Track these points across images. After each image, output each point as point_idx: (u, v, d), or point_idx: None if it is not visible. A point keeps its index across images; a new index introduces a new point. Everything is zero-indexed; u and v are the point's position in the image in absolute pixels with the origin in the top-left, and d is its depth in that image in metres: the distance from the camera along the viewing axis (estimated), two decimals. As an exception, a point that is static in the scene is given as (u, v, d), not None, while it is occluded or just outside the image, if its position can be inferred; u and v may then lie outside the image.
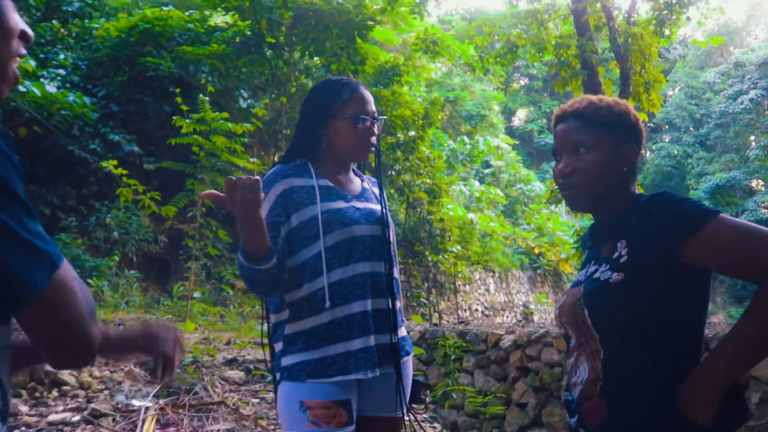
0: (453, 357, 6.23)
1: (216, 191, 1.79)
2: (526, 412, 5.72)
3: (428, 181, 13.60)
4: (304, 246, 2.04)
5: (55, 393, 4.43)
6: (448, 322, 12.66)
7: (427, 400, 5.78)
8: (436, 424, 4.83)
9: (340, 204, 2.09)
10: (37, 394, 4.35)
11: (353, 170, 2.31)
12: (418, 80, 16.40)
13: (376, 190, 2.28)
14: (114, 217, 11.06)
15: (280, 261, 1.97)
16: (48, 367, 4.56)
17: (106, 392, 4.58)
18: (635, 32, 9.14)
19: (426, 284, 14.24)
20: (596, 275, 1.61)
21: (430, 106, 13.44)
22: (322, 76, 12.66)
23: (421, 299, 13.57)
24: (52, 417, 4.00)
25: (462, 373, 6.34)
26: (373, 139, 2.18)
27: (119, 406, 4.29)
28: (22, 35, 1.04)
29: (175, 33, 12.53)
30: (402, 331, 2.17)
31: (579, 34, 9.37)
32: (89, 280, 10.02)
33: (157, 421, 4.09)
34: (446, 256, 13.67)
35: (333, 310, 1.99)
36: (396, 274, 2.16)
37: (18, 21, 1.02)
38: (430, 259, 13.93)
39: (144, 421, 4.02)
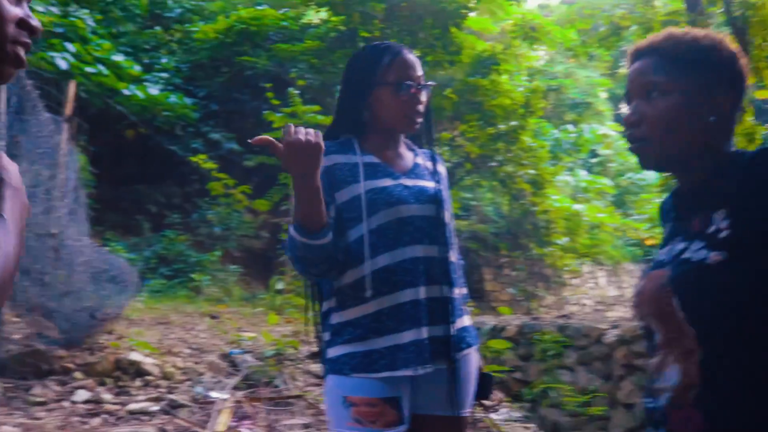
0: (552, 353, 5.82)
1: (271, 138, 1.61)
2: (634, 414, 5.23)
3: (531, 171, 13.09)
4: (348, 228, 1.85)
5: (138, 382, 4.45)
6: (551, 316, 12.12)
7: (496, 398, 5.41)
8: (530, 424, 4.47)
9: (387, 182, 1.88)
10: (121, 383, 4.39)
11: (407, 144, 2.07)
12: (519, 69, 15.86)
13: (432, 165, 2.04)
14: (216, 213, 11.32)
15: (336, 239, 1.78)
16: (133, 357, 4.60)
17: (187, 383, 4.56)
18: (754, 2, 8.29)
19: (531, 278, 13.71)
20: (686, 255, 1.26)
21: (531, 95, 12.93)
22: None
23: (526, 293, 13.07)
24: (132, 406, 4.00)
25: (563, 370, 5.91)
26: (421, 107, 1.94)
27: (197, 397, 4.24)
28: (21, 23, 0.98)
29: (270, 32, 12.71)
30: (464, 321, 1.94)
31: (689, 9, 8.64)
32: (192, 275, 10.32)
33: (233, 413, 3.99)
34: (552, 249, 13.08)
35: (380, 300, 1.78)
36: (454, 258, 1.93)
37: (13, 9, 0.96)
38: (534, 252, 13.39)
39: (219, 413, 3.93)
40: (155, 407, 4.02)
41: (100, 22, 11.25)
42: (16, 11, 0.95)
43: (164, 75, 12.07)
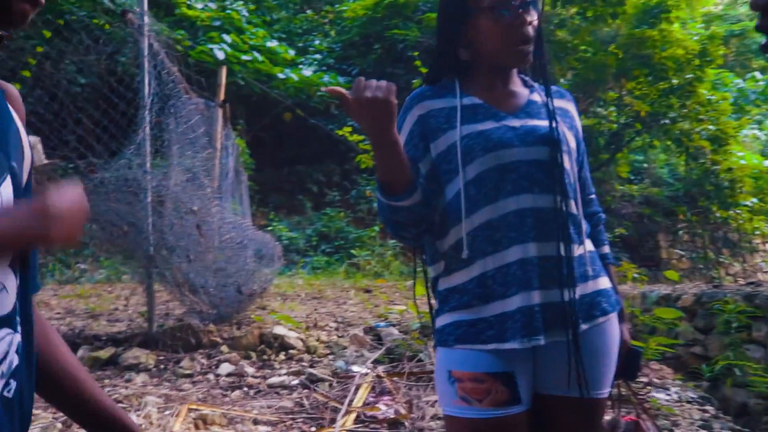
0: (737, 324, 5.04)
1: (343, 90, 1.44)
2: None
3: (711, 127, 11.79)
4: (447, 182, 1.60)
5: (282, 356, 4.43)
6: (736, 285, 10.82)
7: (665, 374, 4.74)
8: (708, 407, 3.85)
9: (488, 124, 1.59)
10: (265, 357, 4.39)
11: (522, 81, 1.75)
12: (693, 16, 14.32)
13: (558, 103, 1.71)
14: (374, 188, 11.36)
15: (427, 198, 1.56)
16: (277, 331, 4.59)
17: (330, 357, 4.47)
18: None
19: (713, 244, 12.35)
20: None
21: (708, 43, 11.55)
22: (578, 29, 11.62)
23: (707, 260, 11.79)
24: (273, 379, 3.96)
25: (751, 345, 5.10)
26: (528, 33, 1.61)
27: (338, 371, 4.12)
28: None
29: (419, 2, 12.45)
30: (597, 284, 1.61)
31: None
32: (352, 251, 10.45)
33: (372, 388, 3.82)
34: (738, 211, 11.67)
35: (484, 261, 1.54)
36: (574, 209, 1.60)
37: None
38: (718, 215, 12.03)
39: (357, 388, 3.78)
40: (295, 381, 3.95)
41: (254, 12, 11.65)
42: None
43: (317, 56, 12.28)
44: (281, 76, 10.93)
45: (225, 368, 4.11)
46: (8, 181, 0.90)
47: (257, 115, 12.08)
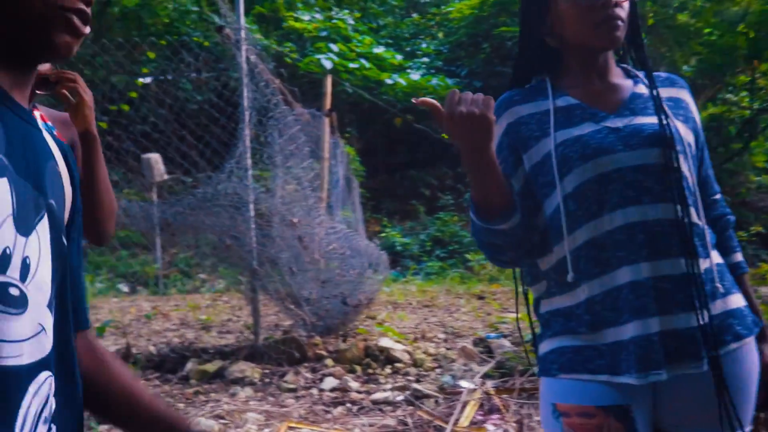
0: None
1: (434, 102, 1.31)
2: None
3: None
4: (545, 196, 1.41)
5: (387, 370, 4.28)
6: None
7: None
8: None
9: (585, 128, 1.39)
10: (370, 371, 4.26)
11: (623, 71, 1.52)
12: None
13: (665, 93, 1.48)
14: (469, 209, 11.12)
15: (525, 217, 1.40)
16: (383, 344, 4.46)
17: (438, 371, 4.27)
18: None
19: None
20: None
21: None
22: (701, 10, 10.77)
23: None
24: (377, 395, 3.82)
25: None
26: (615, 11, 1.39)
27: (445, 386, 3.91)
28: None
29: (527, -4, 12.04)
30: (726, 303, 1.37)
31: None
32: (467, 255, 10.19)
33: (481, 406, 3.58)
34: None
35: (589, 284, 1.34)
36: (695, 217, 1.37)
37: None
38: None
39: (465, 405, 3.55)
40: (400, 397, 3.78)
41: (360, 20, 11.69)
42: None
43: (425, 60, 12.14)
44: (389, 81, 10.89)
45: (329, 383, 4.01)
46: (45, 220, 0.88)
47: (368, 122, 12.12)
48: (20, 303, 0.81)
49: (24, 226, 0.84)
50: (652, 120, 1.37)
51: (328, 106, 7.68)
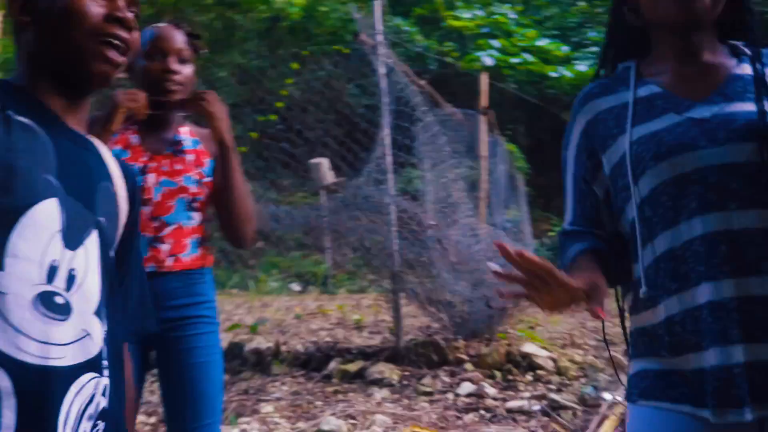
0: None
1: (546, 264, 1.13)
2: None
3: None
4: (624, 202, 1.26)
5: (528, 377, 4.10)
6: None
7: None
8: None
9: (665, 120, 1.20)
10: (510, 377, 4.11)
11: (733, 47, 1.30)
12: None
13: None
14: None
15: (614, 228, 1.31)
16: (526, 349, 4.29)
17: (582, 380, 4.01)
18: None
19: None
20: None
21: None
22: None
23: None
24: (511, 403, 3.67)
25: None
26: None
27: (586, 397, 3.66)
28: (109, 17, 0.99)
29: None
30: None
31: None
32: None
33: (621, 422, 3.30)
34: None
35: (669, 300, 1.17)
36: None
37: (94, 5, 0.98)
38: None
39: (603, 420, 3.30)
40: (536, 406, 3.61)
41: (523, 13, 11.36)
42: (97, 8, 0.97)
43: (593, 49, 11.50)
44: (554, 74, 10.46)
45: (465, 387, 3.93)
46: (94, 236, 0.98)
47: (534, 118, 11.77)
48: (64, 310, 0.91)
49: (72, 241, 0.93)
50: (750, 107, 1.15)
51: (484, 104, 7.57)
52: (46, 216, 0.90)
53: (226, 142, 1.80)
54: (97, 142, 1.10)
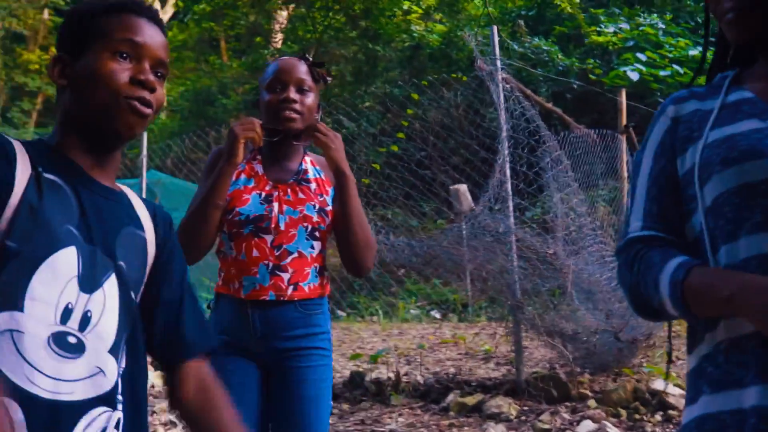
0: None
1: None
2: None
3: None
4: (691, 213, 1.16)
5: (658, 417, 3.77)
6: None
7: None
8: None
9: (745, 125, 1.10)
10: (636, 416, 3.80)
11: None
12: None
13: None
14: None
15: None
16: (655, 386, 3.98)
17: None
18: None
19: None
20: None
21: None
22: None
23: None
24: (636, 447, 3.40)
25: None
26: None
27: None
28: (133, 80, 1.08)
29: None
30: None
31: None
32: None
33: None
34: None
35: (714, 330, 1.06)
36: None
37: (121, 70, 1.08)
38: None
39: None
40: (663, 451, 3.31)
41: (673, 21, 10.66)
42: (123, 72, 1.07)
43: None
44: (709, 85, 9.74)
45: (586, 426, 3.69)
46: (113, 279, 1.07)
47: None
48: (77, 349, 1.00)
49: (89, 284, 1.03)
50: None
51: (624, 121, 7.19)
52: (64, 263, 1.00)
53: (342, 170, 1.85)
54: (128, 192, 1.20)
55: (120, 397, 1.05)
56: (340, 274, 11.01)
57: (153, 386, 4.35)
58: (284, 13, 14.47)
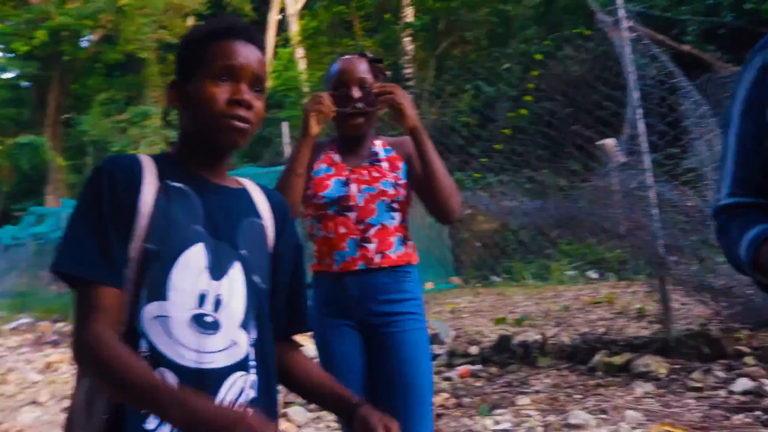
0: None
1: None
2: None
3: None
4: None
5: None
6: None
7: None
8: None
9: None
10: (800, 373, 3.57)
11: None
12: None
13: None
14: None
15: None
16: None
17: None
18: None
19: None
20: None
21: None
22: None
23: None
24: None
25: None
26: None
27: None
28: (232, 100, 1.23)
29: None
30: None
31: None
32: None
33: None
34: None
35: None
36: None
37: (220, 91, 1.23)
38: None
39: None
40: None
41: None
42: (223, 94, 1.23)
43: None
44: None
45: (741, 384, 3.54)
46: (238, 266, 1.28)
47: None
48: (213, 326, 1.21)
49: (217, 273, 1.25)
50: None
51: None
52: (195, 257, 1.21)
53: (416, 127, 1.99)
54: (248, 185, 1.40)
55: (252, 363, 1.25)
56: (493, 239, 11.07)
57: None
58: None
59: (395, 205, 2.03)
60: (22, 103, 25.39)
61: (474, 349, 4.98)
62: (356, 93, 2.01)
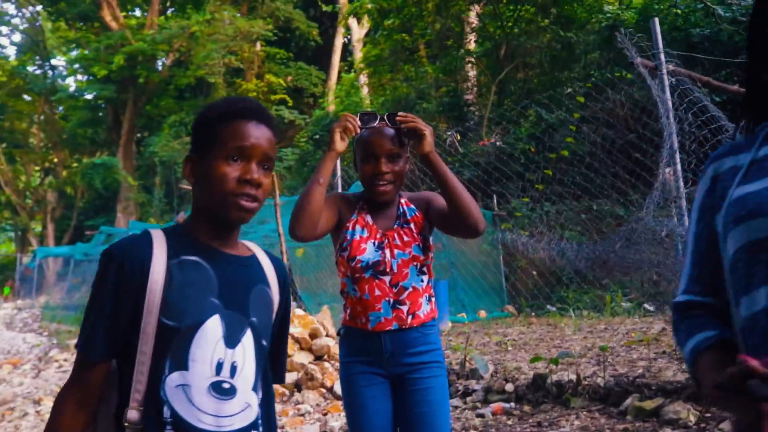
0: None
1: None
2: None
3: None
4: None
5: None
6: None
7: None
8: None
9: (764, 182, 1.17)
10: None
11: None
12: None
13: None
14: None
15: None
16: None
17: None
18: None
19: None
20: None
21: None
22: None
23: None
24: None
25: None
26: None
27: None
28: (242, 180, 1.35)
29: None
30: None
31: None
32: None
33: None
34: None
35: None
36: None
37: (231, 171, 1.35)
38: None
39: None
40: None
41: None
42: (233, 173, 1.34)
43: None
44: None
45: (769, 437, 3.49)
46: (249, 333, 1.40)
47: None
48: (230, 392, 1.33)
49: (232, 341, 1.35)
50: None
51: None
52: (211, 329, 1.33)
53: (430, 154, 2.15)
54: (257, 251, 1.52)
55: (260, 421, 1.38)
56: (549, 267, 10.96)
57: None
58: (473, 13, 14.64)
59: (424, 268, 2.22)
60: (98, 123, 26.91)
61: (510, 387, 5.04)
62: (385, 168, 2.19)
